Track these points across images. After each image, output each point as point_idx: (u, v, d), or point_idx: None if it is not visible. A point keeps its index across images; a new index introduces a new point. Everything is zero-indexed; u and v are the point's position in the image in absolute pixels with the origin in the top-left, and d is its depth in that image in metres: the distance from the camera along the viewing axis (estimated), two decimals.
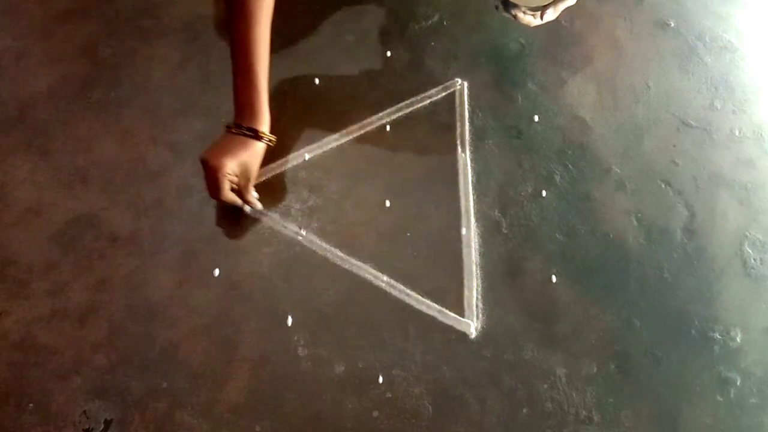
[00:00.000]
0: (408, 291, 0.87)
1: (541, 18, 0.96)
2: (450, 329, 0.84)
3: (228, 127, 0.89)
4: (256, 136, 0.88)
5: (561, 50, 1.09)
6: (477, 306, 0.85)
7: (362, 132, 1.02)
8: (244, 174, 0.89)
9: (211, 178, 0.87)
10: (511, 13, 0.97)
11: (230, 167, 0.86)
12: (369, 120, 1.03)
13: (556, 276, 0.87)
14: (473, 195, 0.95)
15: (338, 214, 0.94)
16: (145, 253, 0.91)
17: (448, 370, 0.81)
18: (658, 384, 0.80)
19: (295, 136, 1.01)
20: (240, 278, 0.89)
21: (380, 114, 1.03)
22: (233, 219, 0.93)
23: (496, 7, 0.99)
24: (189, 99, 1.06)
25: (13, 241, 0.93)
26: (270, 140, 0.89)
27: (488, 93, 1.05)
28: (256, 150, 0.89)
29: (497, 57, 1.10)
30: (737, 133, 1.00)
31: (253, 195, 0.92)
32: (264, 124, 0.89)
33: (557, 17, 0.98)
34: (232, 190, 0.90)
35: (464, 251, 0.90)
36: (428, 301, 0.86)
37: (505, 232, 0.91)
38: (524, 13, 0.96)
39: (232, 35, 0.87)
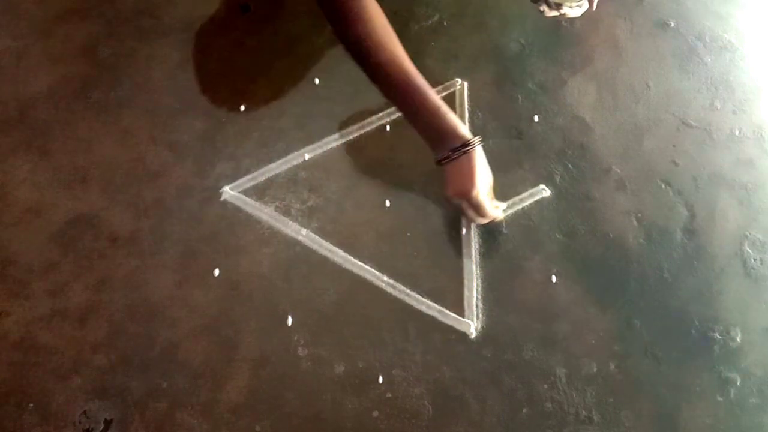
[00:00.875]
0: (408, 291, 0.87)
1: (591, 5, 0.96)
2: (450, 329, 0.84)
3: (445, 159, 0.84)
4: (472, 145, 0.84)
5: (561, 50, 1.09)
6: (477, 306, 0.85)
7: (362, 132, 1.02)
8: (487, 181, 0.87)
9: (475, 205, 0.85)
10: (559, 12, 0.98)
11: (481, 187, 0.84)
12: (369, 120, 1.03)
13: (556, 276, 0.87)
14: None
15: (338, 214, 0.94)
16: (145, 253, 0.91)
17: (448, 370, 0.81)
18: (658, 384, 0.80)
19: (295, 136, 1.01)
20: (240, 278, 0.89)
21: (380, 114, 1.03)
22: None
23: (542, 11, 0.99)
24: (189, 99, 1.06)
25: (13, 241, 0.93)
26: (480, 140, 0.85)
27: (488, 93, 1.05)
28: (481, 154, 0.85)
29: (497, 57, 1.10)
30: (737, 133, 1.00)
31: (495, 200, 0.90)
32: (467, 132, 0.84)
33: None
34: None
35: (464, 251, 0.90)
36: (428, 301, 0.86)
37: (505, 232, 0.91)
38: (570, 7, 0.97)
39: (389, 85, 0.84)
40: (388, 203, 0.94)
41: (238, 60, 1.10)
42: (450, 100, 1.05)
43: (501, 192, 0.95)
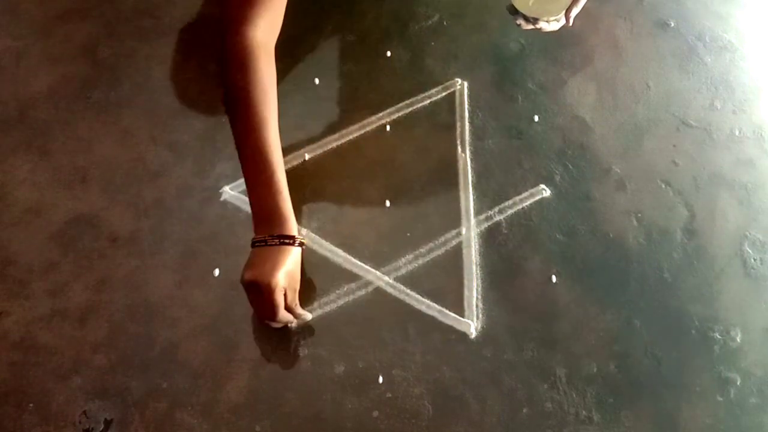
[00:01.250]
0: (408, 291, 0.87)
1: (568, 21, 0.97)
2: (450, 329, 0.84)
3: (259, 242, 0.79)
4: (293, 242, 0.79)
5: (561, 50, 1.09)
6: (477, 306, 0.85)
7: (362, 132, 1.02)
8: (292, 285, 0.80)
9: (267, 299, 0.77)
10: (535, 26, 0.98)
11: (280, 280, 0.77)
12: (369, 120, 1.03)
13: (556, 276, 0.87)
14: (473, 195, 0.95)
15: (338, 214, 0.94)
16: (145, 253, 0.91)
17: (448, 370, 0.81)
18: (658, 384, 0.80)
19: (295, 136, 1.01)
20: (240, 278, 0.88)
21: (380, 114, 1.03)
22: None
23: (518, 25, 1.00)
24: (189, 99, 1.06)
25: (13, 241, 0.93)
26: (303, 242, 0.81)
27: (488, 93, 1.05)
28: (297, 256, 0.80)
29: (497, 57, 1.10)
30: (737, 133, 1.00)
31: (299, 307, 0.83)
32: (295, 228, 0.80)
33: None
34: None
35: (464, 251, 0.90)
36: (428, 301, 0.86)
37: (505, 232, 0.91)
38: (548, 21, 0.97)
39: (243, 145, 0.80)
40: (388, 203, 0.94)
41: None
42: (450, 100, 1.05)
43: (501, 192, 0.95)
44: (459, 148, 0.99)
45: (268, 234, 0.79)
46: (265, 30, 0.83)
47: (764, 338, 0.83)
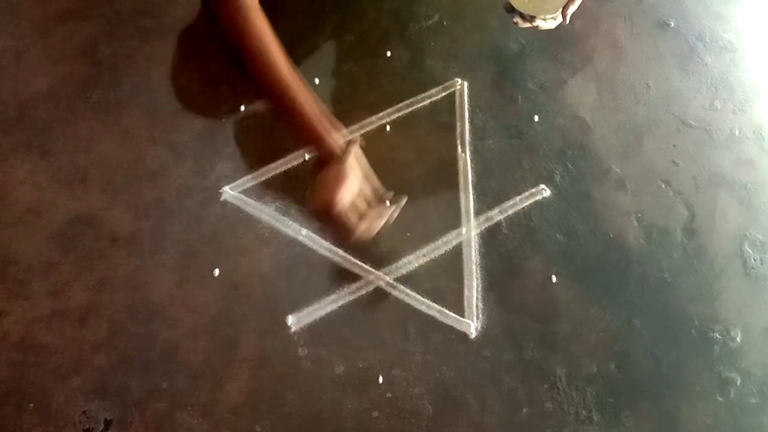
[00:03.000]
0: (408, 291, 0.87)
1: (564, 19, 0.97)
2: (450, 329, 0.84)
3: (316, 165, 0.79)
4: (348, 147, 0.78)
5: (561, 50, 1.09)
6: (477, 306, 0.85)
7: (362, 132, 1.02)
8: (367, 183, 0.80)
9: (338, 223, 0.76)
10: (532, 24, 0.98)
11: (343, 203, 0.75)
12: (369, 120, 1.03)
13: (556, 276, 0.87)
14: (473, 195, 0.95)
15: None
16: (145, 253, 0.91)
17: (448, 370, 0.81)
18: (658, 384, 0.80)
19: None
20: (240, 278, 0.88)
21: (380, 114, 1.03)
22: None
23: (515, 23, 0.99)
24: (189, 99, 1.06)
25: (13, 241, 0.93)
26: (355, 141, 0.80)
27: (488, 93, 1.05)
28: (354, 161, 0.79)
29: (497, 57, 1.10)
30: (737, 133, 1.00)
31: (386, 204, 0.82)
32: (341, 137, 0.79)
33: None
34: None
35: (464, 251, 0.90)
36: (428, 301, 0.86)
37: (505, 232, 0.91)
38: (544, 20, 0.97)
39: (265, 88, 0.80)
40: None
41: (238, 60, 1.10)
42: (450, 100, 1.05)
43: (502, 191, 0.95)
44: (459, 148, 0.99)
45: (319, 156, 0.79)
46: None
47: (764, 338, 0.83)
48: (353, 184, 0.77)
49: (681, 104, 1.03)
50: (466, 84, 1.06)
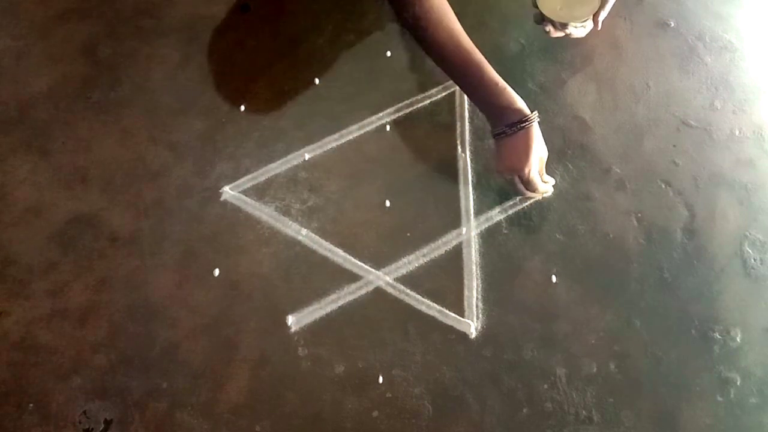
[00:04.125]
0: (408, 291, 0.87)
1: (596, 25, 0.98)
2: (450, 329, 0.84)
3: (500, 134, 0.87)
4: (529, 121, 0.86)
5: (561, 50, 1.09)
6: (477, 306, 0.85)
7: (362, 132, 1.02)
8: (542, 160, 0.90)
9: (526, 182, 0.89)
10: (564, 32, 0.99)
11: (534, 163, 0.87)
12: (369, 120, 1.03)
13: (556, 276, 0.87)
14: (473, 195, 0.95)
15: (338, 214, 0.94)
16: (145, 253, 0.91)
17: (448, 370, 0.81)
18: (658, 384, 0.80)
19: (295, 136, 1.01)
20: (240, 278, 0.89)
21: (380, 114, 1.03)
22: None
23: (547, 32, 1.00)
24: (189, 99, 1.06)
25: (13, 241, 0.93)
26: (537, 116, 0.87)
27: None
28: (538, 133, 0.87)
29: (497, 57, 1.09)
30: (737, 133, 1.00)
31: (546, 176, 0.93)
32: (525, 107, 0.86)
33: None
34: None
35: (464, 251, 0.90)
36: (428, 301, 0.86)
37: (505, 232, 0.91)
38: (575, 27, 0.98)
39: (447, 59, 0.87)
40: (388, 203, 0.94)
41: (238, 60, 1.10)
42: (450, 100, 1.05)
43: (501, 192, 0.95)
44: (459, 148, 0.99)
45: (505, 125, 0.86)
46: None
47: (764, 338, 0.83)
48: (540, 147, 0.88)
49: (681, 104, 1.03)
50: None
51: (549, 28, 1.00)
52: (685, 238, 0.90)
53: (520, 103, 0.86)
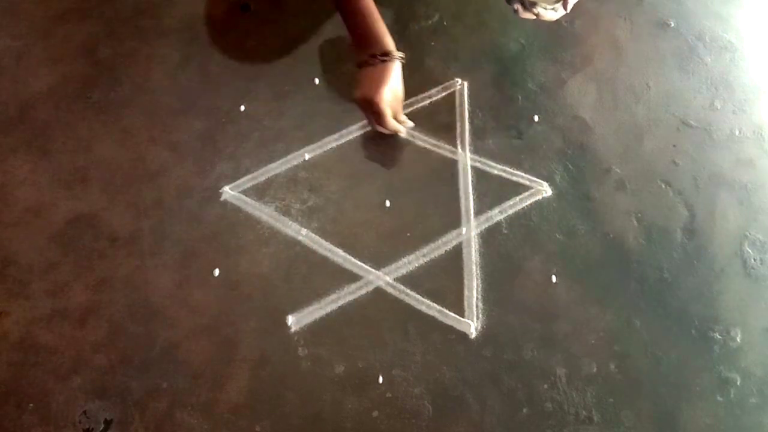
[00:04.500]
0: (408, 291, 0.87)
1: (565, 8, 0.96)
2: (450, 329, 0.84)
3: (362, 63, 0.92)
4: (391, 57, 0.91)
5: (561, 50, 1.09)
6: (477, 306, 0.85)
7: (362, 132, 1.02)
8: (396, 97, 0.94)
9: (375, 111, 0.92)
10: (533, 12, 0.97)
11: (386, 95, 0.91)
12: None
13: (556, 276, 0.87)
14: (473, 195, 0.95)
15: (338, 214, 0.94)
16: (145, 253, 0.91)
17: (448, 370, 0.81)
18: (658, 384, 0.80)
19: (295, 136, 1.01)
20: (240, 278, 0.89)
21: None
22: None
23: (515, 11, 0.99)
24: (189, 99, 1.06)
25: (13, 241, 0.93)
26: (402, 57, 0.92)
27: (488, 93, 1.05)
28: (397, 71, 0.92)
29: (497, 57, 1.10)
30: (737, 133, 1.00)
31: (403, 116, 0.97)
32: (392, 44, 0.92)
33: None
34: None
35: (464, 251, 0.90)
36: (428, 301, 0.86)
37: (505, 232, 0.91)
38: (545, 8, 0.96)
39: None
40: (388, 203, 0.94)
41: (238, 60, 1.10)
42: (450, 100, 1.05)
43: (501, 191, 0.95)
44: (459, 148, 0.99)
45: (369, 54, 0.91)
46: None
47: (764, 338, 0.83)
48: (396, 84, 0.92)
49: (681, 104, 1.03)
50: (466, 84, 1.06)
51: (518, 6, 0.98)
52: (685, 238, 0.90)
53: (389, 40, 0.92)
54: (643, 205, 0.93)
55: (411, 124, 0.98)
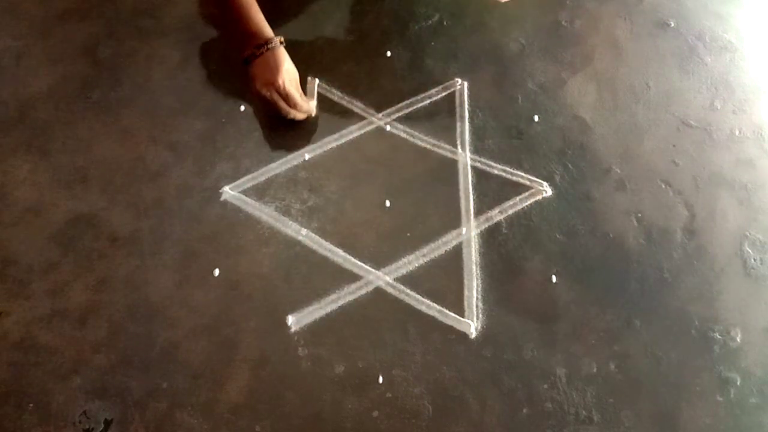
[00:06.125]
0: (408, 291, 0.87)
1: None
2: (450, 329, 0.84)
3: (249, 57, 0.94)
4: (276, 43, 0.94)
5: (561, 50, 1.09)
6: (477, 306, 0.85)
7: (362, 132, 1.02)
8: (293, 78, 0.96)
9: (283, 94, 0.94)
10: None
11: (286, 77, 0.94)
12: (369, 120, 1.03)
13: (556, 276, 0.87)
14: (473, 195, 0.95)
15: (338, 214, 0.94)
16: (145, 253, 0.91)
17: (448, 370, 0.81)
18: (658, 384, 0.80)
19: (295, 136, 1.01)
20: (240, 278, 0.89)
21: (380, 114, 1.03)
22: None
23: None
24: (189, 99, 1.06)
25: (13, 241, 0.93)
26: (282, 40, 0.96)
27: (488, 93, 1.05)
28: (283, 55, 0.95)
29: (497, 57, 1.10)
30: (737, 133, 1.00)
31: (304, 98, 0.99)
32: (270, 31, 0.96)
33: None
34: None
35: (464, 251, 0.90)
36: (428, 301, 0.86)
37: (505, 232, 0.91)
38: None
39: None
40: (388, 203, 0.94)
41: (238, 60, 1.10)
42: (450, 100, 1.05)
43: (501, 191, 0.95)
44: (459, 148, 0.99)
45: (254, 46, 0.94)
46: None
47: (764, 338, 0.83)
48: (289, 66, 0.96)
49: (681, 104, 1.03)
50: (466, 84, 1.06)
51: None
52: (685, 238, 0.90)
53: (268, 28, 0.95)
54: (643, 205, 0.93)
55: (314, 102, 1.01)
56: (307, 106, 0.98)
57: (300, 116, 0.99)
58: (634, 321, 0.84)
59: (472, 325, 0.84)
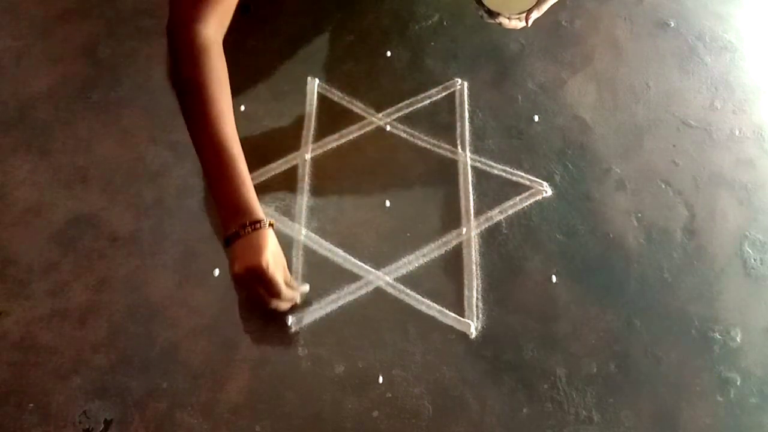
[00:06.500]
0: (408, 291, 0.87)
1: (527, 22, 0.96)
2: (450, 329, 0.84)
3: (233, 235, 0.78)
4: (263, 225, 0.79)
5: (561, 50, 1.09)
6: (477, 306, 0.85)
7: (362, 132, 1.02)
8: (280, 263, 0.81)
9: (266, 281, 0.78)
10: (495, 21, 0.97)
11: (270, 261, 0.78)
12: (369, 120, 1.03)
13: (556, 276, 0.87)
14: (473, 195, 0.95)
15: (338, 214, 0.94)
16: (145, 253, 0.91)
17: (448, 370, 0.81)
18: (658, 384, 0.80)
19: (295, 136, 1.01)
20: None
21: (380, 114, 1.03)
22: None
23: (481, 16, 0.99)
24: None
25: (13, 241, 0.93)
26: (272, 222, 0.81)
27: (488, 93, 1.05)
28: (272, 238, 0.81)
29: (497, 57, 1.10)
30: (737, 133, 1.00)
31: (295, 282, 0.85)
32: (261, 211, 0.80)
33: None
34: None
35: (464, 251, 0.90)
36: (428, 301, 0.86)
37: (505, 232, 0.91)
38: (509, 18, 0.96)
39: (202, 141, 0.80)
40: (388, 203, 0.94)
41: (238, 60, 1.10)
42: (450, 100, 1.05)
43: (501, 191, 0.95)
44: (459, 148, 0.99)
45: (239, 225, 0.78)
46: (216, 27, 0.85)
47: (764, 338, 0.83)
48: (276, 248, 0.81)
49: (681, 104, 1.03)
50: (466, 84, 1.06)
51: (482, 13, 0.97)
52: (685, 238, 0.90)
53: (258, 207, 0.80)
54: (643, 205, 0.93)
55: (306, 288, 0.85)
56: (291, 294, 0.82)
57: (283, 306, 0.83)
58: (634, 321, 0.84)
59: (472, 325, 0.84)
